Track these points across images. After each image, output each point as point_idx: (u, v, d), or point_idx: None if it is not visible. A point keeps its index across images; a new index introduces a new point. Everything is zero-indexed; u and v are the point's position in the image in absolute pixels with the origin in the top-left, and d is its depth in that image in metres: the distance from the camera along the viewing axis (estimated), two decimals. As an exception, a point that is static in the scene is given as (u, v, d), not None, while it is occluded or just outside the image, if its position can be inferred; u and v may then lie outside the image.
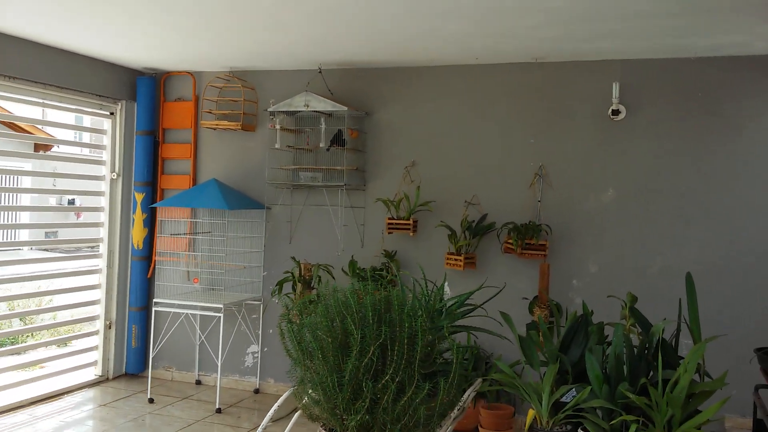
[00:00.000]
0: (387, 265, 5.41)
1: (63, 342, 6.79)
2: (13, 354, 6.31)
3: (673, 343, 2.65)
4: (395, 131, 5.51)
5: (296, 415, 3.06)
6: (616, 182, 4.97)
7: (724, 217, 4.75)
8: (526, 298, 4.97)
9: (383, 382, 2.35)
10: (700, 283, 4.69)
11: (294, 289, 5.36)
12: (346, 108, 5.20)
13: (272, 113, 5.48)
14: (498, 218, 5.15)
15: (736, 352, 4.36)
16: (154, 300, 5.63)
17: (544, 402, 2.65)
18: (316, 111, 5.32)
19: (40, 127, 11.37)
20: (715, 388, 2.20)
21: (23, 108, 5.76)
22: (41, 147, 10.95)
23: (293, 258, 5.39)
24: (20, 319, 7.56)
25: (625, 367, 2.57)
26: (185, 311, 5.74)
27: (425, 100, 5.43)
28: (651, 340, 2.56)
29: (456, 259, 5.11)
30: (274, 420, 3.22)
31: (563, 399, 2.75)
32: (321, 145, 5.33)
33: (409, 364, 2.39)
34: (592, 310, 4.13)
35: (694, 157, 4.81)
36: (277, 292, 5.36)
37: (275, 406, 3.11)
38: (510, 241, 4.95)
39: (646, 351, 2.59)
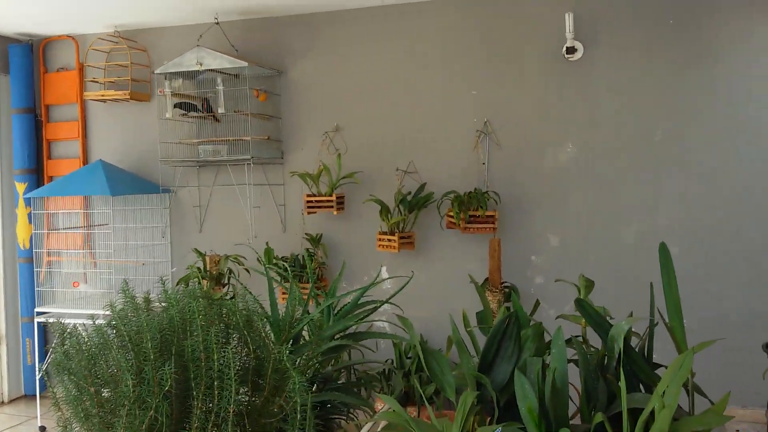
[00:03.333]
0: (311, 251, 4.52)
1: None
2: None
3: (645, 349, 1.80)
4: (313, 91, 4.59)
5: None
6: (576, 136, 4.10)
7: (708, 169, 3.91)
8: (474, 282, 4.09)
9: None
10: (685, 256, 3.83)
11: (200, 287, 4.46)
12: (245, 63, 4.26)
13: (165, 77, 4.54)
14: (438, 188, 4.27)
15: (731, 334, 3.55)
16: (36, 310, 4.71)
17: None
18: (212, 70, 4.39)
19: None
20: (711, 427, 1.36)
21: None
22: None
23: (196, 250, 4.48)
24: None
25: (578, 391, 1.74)
26: (76, 321, 4.80)
27: (347, 52, 4.52)
28: (611, 347, 1.71)
29: (390, 240, 4.23)
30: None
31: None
32: (220, 111, 4.40)
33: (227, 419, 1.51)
34: (537, 302, 3.30)
35: (667, 98, 3.95)
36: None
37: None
38: (452, 213, 4.08)
39: (605, 364, 1.75)
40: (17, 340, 5.25)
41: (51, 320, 4.29)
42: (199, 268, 4.47)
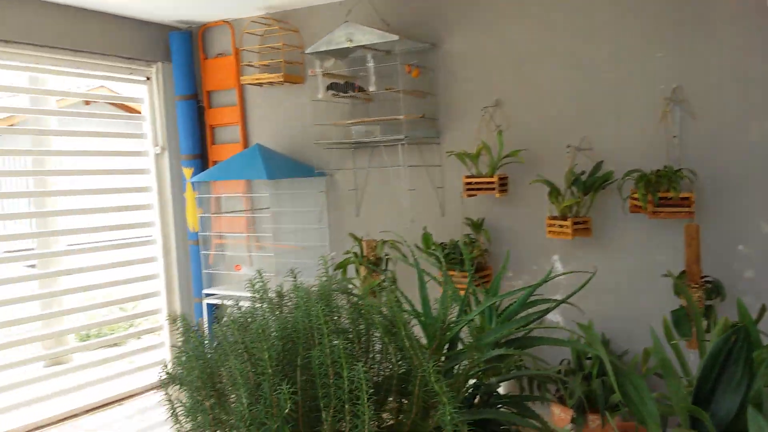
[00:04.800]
0: (472, 237, 4.17)
1: (121, 340, 6.24)
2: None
3: None
4: (470, 64, 4.18)
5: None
6: (796, 99, 3.35)
7: None
8: (668, 275, 3.52)
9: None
10: None
11: (358, 273, 4.30)
12: (396, 37, 3.94)
13: (316, 57, 4.36)
14: (618, 166, 3.71)
15: None
16: (204, 291, 4.81)
17: None
18: (362, 46, 4.12)
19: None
20: None
21: (47, 79, 5.08)
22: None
23: (352, 234, 4.30)
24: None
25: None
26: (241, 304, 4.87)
27: (507, 19, 4.04)
28: None
29: (561, 225, 3.76)
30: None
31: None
32: (371, 89, 4.13)
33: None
34: (764, 307, 2.69)
35: None
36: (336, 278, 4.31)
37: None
38: (636, 195, 3.52)
39: None
40: (191, 320, 5.46)
41: (218, 301, 4.29)
42: (355, 254, 4.30)
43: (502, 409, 2.35)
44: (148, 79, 5.19)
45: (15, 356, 4.81)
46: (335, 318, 1.87)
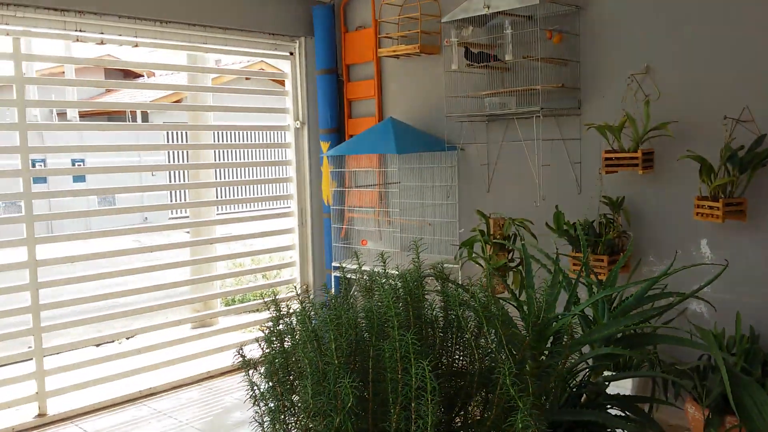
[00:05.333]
0: (610, 217, 3.86)
1: (261, 307, 6.47)
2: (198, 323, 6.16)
3: None
4: (619, 27, 3.85)
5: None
6: None
7: None
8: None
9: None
10: None
11: (484, 252, 4.13)
12: (537, 1, 3.72)
13: (453, 26, 4.24)
14: (785, 140, 3.25)
15: None
16: (333, 264, 4.88)
17: None
18: (501, 12, 3.94)
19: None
20: None
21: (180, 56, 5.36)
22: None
23: (479, 211, 4.13)
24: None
25: None
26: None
27: (662, -26, 3.68)
28: None
29: (711, 207, 3.36)
30: None
31: None
32: (507, 58, 3.94)
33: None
34: None
35: None
36: (462, 256, 4.18)
37: None
38: (804, 174, 3.06)
39: None
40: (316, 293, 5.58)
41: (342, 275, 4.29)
42: (482, 231, 4.14)
43: (608, 411, 2.11)
44: (291, 54, 5.35)
45: (165, 318, 5.20)
46: (421, 306, 1.74)
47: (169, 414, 4.29)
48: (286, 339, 1.65)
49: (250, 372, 1.75)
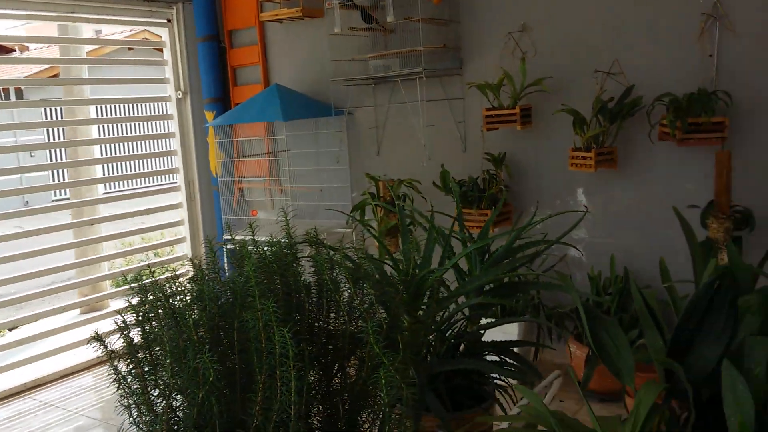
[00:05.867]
0: (492, 173, 3.98)
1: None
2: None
3: None
4: (495, -14, 3.94)
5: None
6: None
7: None
8: (695, 206, 3.28)
9: None
10: None
11: (375, 214, 4.17)
12: (413, -41, 3.73)
13: (333, -13, 4.18)
14: (650, 91, 3.44)
15: None
16: (224, 237, 4.76)
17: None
18: (378, -28, 3.92)
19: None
20: None
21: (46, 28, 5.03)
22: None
23: (368, 174, 4.16)
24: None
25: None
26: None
27: (533, -66, 3.77)
28: None
29: (585, 158, 3.53)
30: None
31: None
32: (388, 19, 3.94)
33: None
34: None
35: None
36: (352, 219, 4.20)
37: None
38: (665, 122, 3.26)
39: None
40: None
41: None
42: (372, 194, 4.17)
43: (485, 358, 2.19)
44: (168, 21, 5.11)
45: (51, 304, 4.90)
46: (292, 273, 1.71)
47: (58, 404, 4.09)
48: (148, 318, 1.58)
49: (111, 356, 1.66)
